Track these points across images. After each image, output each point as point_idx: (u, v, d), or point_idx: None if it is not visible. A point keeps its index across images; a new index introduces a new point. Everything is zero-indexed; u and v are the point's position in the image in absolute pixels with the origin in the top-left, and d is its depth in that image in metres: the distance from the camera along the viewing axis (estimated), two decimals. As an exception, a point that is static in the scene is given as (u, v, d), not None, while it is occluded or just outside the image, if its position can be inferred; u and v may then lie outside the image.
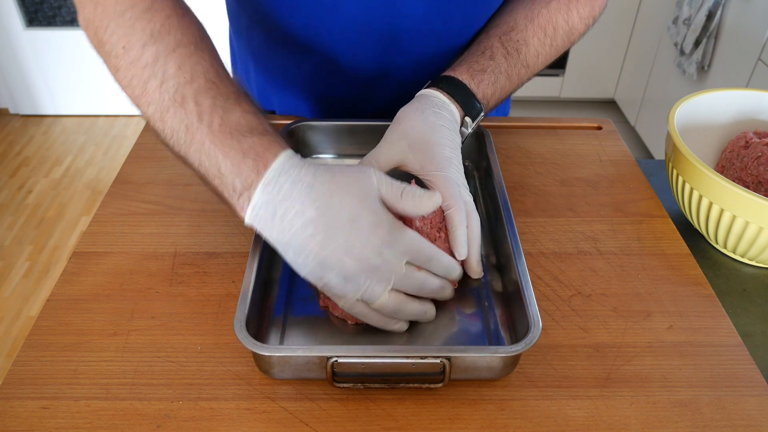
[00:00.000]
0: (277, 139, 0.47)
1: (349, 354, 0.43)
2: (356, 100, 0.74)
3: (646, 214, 0.64)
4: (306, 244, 0.44)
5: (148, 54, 0.48)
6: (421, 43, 0.67)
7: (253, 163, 0.45)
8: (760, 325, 0.55)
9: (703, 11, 1.81)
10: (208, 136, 0.46)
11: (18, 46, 2.45)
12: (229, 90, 0.48)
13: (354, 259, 0.43)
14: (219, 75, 0.49)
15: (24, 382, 0.46)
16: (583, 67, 2.54)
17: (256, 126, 0.47)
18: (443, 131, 0.55)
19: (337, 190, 0.44)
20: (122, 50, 0.49)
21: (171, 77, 0.48)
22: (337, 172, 0.45)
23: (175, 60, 0.48)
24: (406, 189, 0.46)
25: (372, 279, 0.44)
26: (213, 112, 0.47)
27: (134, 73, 0.49)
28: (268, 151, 0.45)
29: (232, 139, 0.46)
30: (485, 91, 0.60)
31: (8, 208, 2.09)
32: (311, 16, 0.64)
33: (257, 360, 0.45)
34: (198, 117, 0.47)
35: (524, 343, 0.44)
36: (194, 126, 0.47)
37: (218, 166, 0.46)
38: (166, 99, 0.47)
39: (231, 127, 0.46)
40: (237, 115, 0.47)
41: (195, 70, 0.48)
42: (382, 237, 0.44)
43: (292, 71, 0.73)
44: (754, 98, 0.69)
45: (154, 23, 0.49)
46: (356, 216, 0.44)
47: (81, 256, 0.57)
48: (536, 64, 0.65)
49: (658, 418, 0.45)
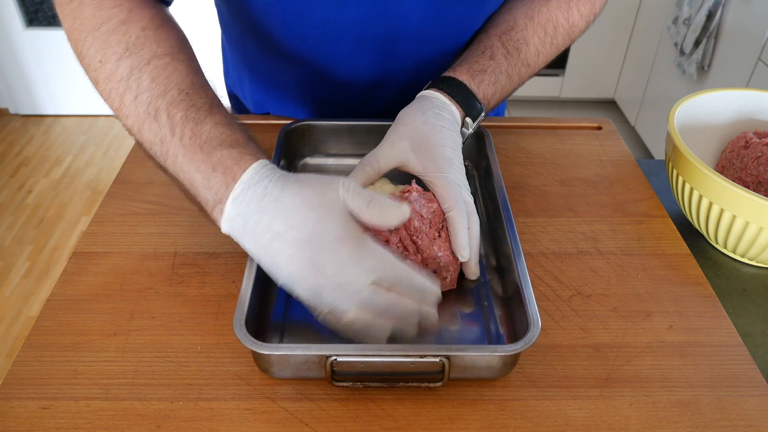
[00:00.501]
0: (248, 150, 0.46)
1: (348, 353, 0.43)
2: (354, 106, 0.74)
3: (646, 214, 0.64)
4: (274, 258, 0.43)
5: (123, 67, 0.48)
6: (418, 48, 0.67)
7: (222, 177, 0.45)
8: (760, 325, 0.55)
9: (703, 11, 1.81)
10: (180, 149, 0.46)
11: (18, 46, 2.45)
12: (202, 101, 0.48)
13: (319, 275, 0.42)
14: (194, 85, 0.49)
15: (24, 382, 0.46)
16: (583, 67, 2.54)
17: (226, 138, 0.46)
18: (444, 132, 0.55)
19: (303, 204, 0.43)
20: (99, 64, 0.49)
21: (145, 90, 0.48)
22: (305, 185, 0.45)
23: (149, 72, 0.48)
24: (373, 200, 0.45)
25: (337, 296, 0.42)
26: (184, 124, 0.46)
27: (111, 86, 0.49)
28: (236, 164, 0.45)
29: (202, 153, 0.46)
30: (486, 91, 0.60)
31: (8, 208, 2.09)
32: (307, 27, 0.64)
33: (257, 359, 0.45)
34: (170, 130, 0.47)
35: (523, 343, 0.43)
36: (167, 139, 0.47)
37: (191, 180, 0.46)
38: (141, 112, 0.48)
39: (202, 140, 0.46)
40: (208, 127, 0.47)
41: (169, 81, 0.48)
42: (345, 254, 0.42)
43: (289, 80, 0.73)
44: (754, 98, 0.69)
45: (129, 36, 0.49)
46: (322, 231, 0.43)
47: (81, 256, 0.57)
48: (537, 63, 0.65)
49: (658, 418, 0.45)
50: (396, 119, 0.57)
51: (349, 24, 0.63)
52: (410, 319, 0.44)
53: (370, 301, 0.42)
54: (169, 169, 0.48)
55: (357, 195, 0.45)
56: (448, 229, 0.51)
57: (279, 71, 0.72)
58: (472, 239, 0.52)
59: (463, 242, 0.50)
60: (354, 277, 0.42)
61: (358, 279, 0.42)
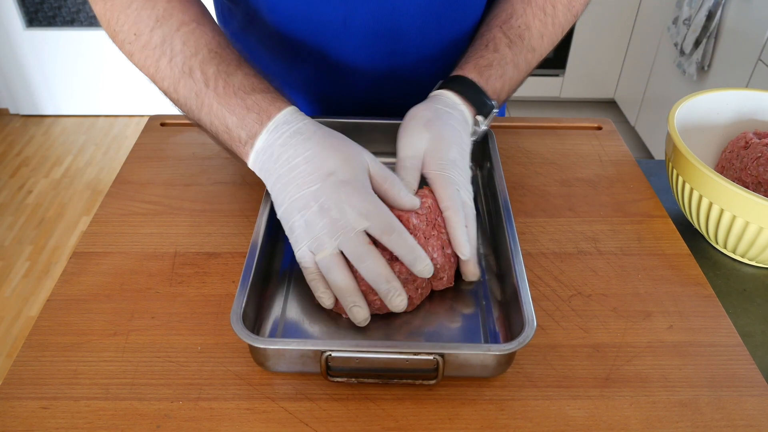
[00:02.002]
0: (280, 96, 0.52)
1: (343, 348, 0.43)
2: (360, 101, 0.74)
3: (646, 214, 0.64)
4: (286, 186, 0.48)
5: (156, 36, 0.54)
6: (423, 39, 0.67)
7: (257, 116, 0.50)
8: (760, 325, 0.55)
9: (703, 11, 1.81)
10: (215, 99, 0.52)
11: (18, 46, 2.45)
12: (230, 57, 0.54)
13: (318, 206, 0.46)
14: (220, 45, 0.54)
15: (24, 382, 0.46)
16: (583, 67, 2.54)
17: (257, 85, 0.52)
18: (454, 132, 0.56)
19: (329, 147, 0.48)
20: (134, 37, 0.55)
21: (178, 53, 0.53)
22: (336, 136, 0.49)
23: (180, 38, 0.54)
24: (390, 178, 0.49)
25: (326, 229, 0.46)
26: (217, 77, 0.52)
27: (147, 54, 0.55)
28: (271, 105, 0.50)
29: (236, 98, 0.51)
30: (494, 85, 0.60)
31: (8, 208, 2.09)
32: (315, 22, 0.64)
33: (253, 353, 0.46)
34: (205, 83, 0.52)
35: (517, 342, 0.43)
36: (202, 92, 0.52)
37: (225, 123, 0.51)
38: (176, 72, 0.53)
39: (235, 88, 0.51)
40: (239, 78, 0.52)
41: (198, 43, 0.54)
42: (348, 194, 0.46)
43: (291, 74, 0.73)
44: (754, 98, 0.69)
45: (157, 9, 0.55)
46: (335, 170, 0.47)
47: (81, 256, 0.57)
48: (542, 46, 0.65)
49: (658, 418, 0.45)
50: (406, 115, 0.57)
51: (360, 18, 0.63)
52: (377, 285, 0.46)
53: (350, 243, 0.46)
54: (203, 120, 0.53)
55: (380, 168, 0.49)
56: (447, 229, 0.51)
57: (282, 66, 0.72)
58: (470, 239, 0.52)
59: (463, 240, 0.51)
60: (348, 217, 0.46)
61: (352, 221, 0.46)
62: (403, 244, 0.46)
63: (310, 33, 0.66)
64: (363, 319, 0.48)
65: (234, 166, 0.69)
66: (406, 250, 0.46)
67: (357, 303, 0.47)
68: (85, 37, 2.45)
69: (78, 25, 2.46)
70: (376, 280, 0.46)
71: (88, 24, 2.46)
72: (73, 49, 2.47)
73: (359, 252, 0.46)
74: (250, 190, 0.65)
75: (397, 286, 0.46)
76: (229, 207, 0.63)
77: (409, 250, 0.46)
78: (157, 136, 0.74)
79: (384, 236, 0.46)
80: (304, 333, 0.50)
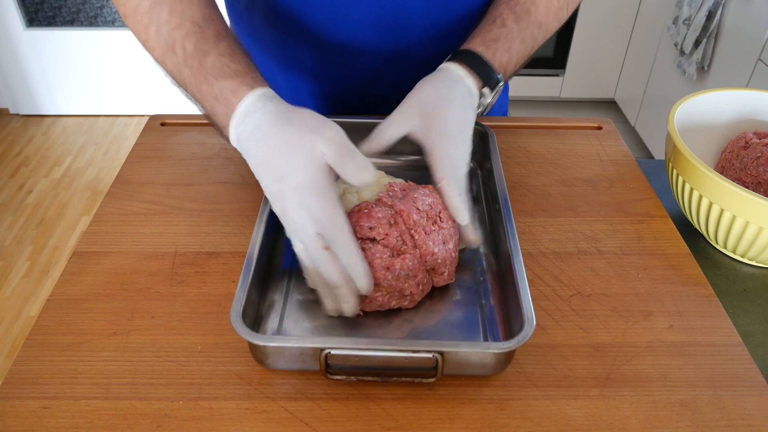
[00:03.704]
0: (245, 80, 0.51)
1: (342, 346, 0.44)
2: (366, 81, 0.75)
3: (646, 214, 0.64)
4: (260, 177, 0.49)
5: (146, 2, 0.55)
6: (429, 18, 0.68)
7: (224, 108, 0.51)
8: (760, 325, 0.55)
9: (703, 11, 1.81)
10: (192, 79, 0.53)
11: (18, 46, 2.45)
12: (211, 32, 0.54)
13: (280, 207, 0.48)
14: (204, 18, 0.55)
15: (24, 381, 0.46)
16: (583, 67, 2.54)
17: (227, 69, 0.51)
18: (453, 105, 0.56)
19: (283, 145, 0.48)
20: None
21: (164, 23, 0.54)
22: (292, 124, 0.48)
23: (167, 6, 0.54)
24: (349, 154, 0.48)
25: (290, 228, 0.48)
26: (194, 57, 0.52)
27: (138, 19, 0.56)
28: (234, 95, 0.50)
29: (207, 84, 0.52)
30: (501, 59, 0.61)
31: (8, 208, 2.09)
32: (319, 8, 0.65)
33: (252, 350, 0.46)
34: (184, 62, 0.53)
35: (517, 340, 0.44)
36: (183, 71, 0.53)
37: (203, 106, 0.53)
38: (162, 44, 0.54)
39: (206, 71, 0.52)
40: (212, 59, 0.52)
41: (183, 14, 0.54)
42: (298, 199, 0.47)
43: (297, 55, 0.73)
44: (754, 98, 0.69)
45: None
46: (288, 173, 0.47)
47: (81, 256, 0.57)
48: (548, 21, 0.66)
49: (658, 418, 0.45)
50: (413, 88, 0.58)
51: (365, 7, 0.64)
52: (335, 289, 0.47)
53: (309, 245, 0.47)
54: (188, 95, 0.55)
55: (335, 149, 0.47)
56: (443, 200, 0.52)
57: (288, 47, 0.73)
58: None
59: (460, 206, 0.52)
60: (304, 221, 0.47)
61: (307, 224, 0.47)
62: (346, 255, 0.46)
63: (314, 12, 0.66)
64: (332, 310, 0.49)
65: (234, 165, 0.69)
66: (348, 261, 0.47)
67: (326, 295, 0.48)
68: (85, 37, 2.45)
69: (78, 25, 2.46)
70: (330, 283, 0.47)
71: (88, 24, 2.46)
72: (73, 49, 2.47)
73: (314, 255, 0.47)
74: (250, 190, 0.65)
75: (347, 292, 0.47)
76: (229, 207, 0.63)
77: (352, 262, 0.47)
78: (157, 136, 0.74)
79: (331, 245, 0.46)
80: (304, 331, 0.50)
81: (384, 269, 0.48)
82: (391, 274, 0.48)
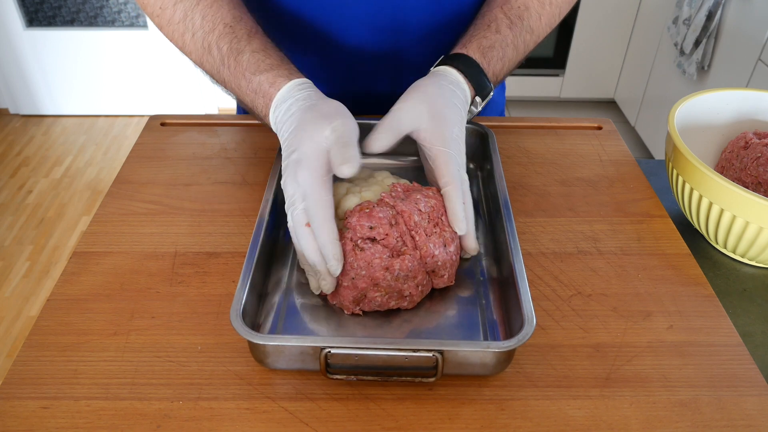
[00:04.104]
0: (280, 72, 0.55)
1: (343, 345, 0.44)
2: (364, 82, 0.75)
3: (646, 214, 0.64)
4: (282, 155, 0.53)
5: (179, 11, 0.59)
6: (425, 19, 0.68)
7: (263, 100, 0.55)
8: (760, 325, 0.55)
9: (703, 11, 1.81)
10: (230, 78, 0.57)
11: (18, 46, 2.45)
12: (243, 31, 0.58)
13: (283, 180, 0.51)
14: (235, 18, 0.58)
15: (24, 382, 0.46)
16: (583, 67, 2.54)
17: (261, 64, 0.56)
18: (455, 109, 0.56)
19: (300, 127, 0.51)
20: (159, 10, 0.60)
21: (198, 28, 0.58)
22: (313, 112, 0.52)
23: (199, 12, 0.58)
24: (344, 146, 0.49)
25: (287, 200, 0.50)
26: (229, 56, 0.57)
27: (173, 29, 0.60)
28: (272, 87, 0.55)
29: (245, 80, 0.56)
30: (495, 67, 0.61)
31: (8, 208, 2.09)
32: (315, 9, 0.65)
33: (252, 349, 0.46)
34: (221, 62, 0.57)
35: (517, 340, 0.44)
36: (221, 70, 0.58)
37: (244, 101, 0.58)
38: (198, 48, 0.59)
39: (243, 68, 0.56)
40: (246, 56, 0.56)
41: (215, 18, 0.58)
42: (298, 172, 0.49)
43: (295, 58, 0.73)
44: (754, 98, 0.69)
45: None
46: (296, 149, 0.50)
47: (81, 256, 0.57)
48: (540, 27, 0.66)
49: (658, 418, 0.45)
50: (411, 87, 0.58)
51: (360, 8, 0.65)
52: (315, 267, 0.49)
53: (294, 219, 0.49)
54: (230, 91, 0.59)
55: (338, 137, 0.50)
56: (445, 204, 0.52)
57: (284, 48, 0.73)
58: (468, 216, 0.53)
59: (460, 216, 0.51)
60: (295, 196, 0.49)
61: (296, 198, 0.49)
62: (321, 234, 0.48)
63: (311, 14, 0.67)
64: (313, 287, 0.51)
65: (234, 165, 0.69)
66: (322, 241, 0.48)
67: (309, 272, 0.51)
68: (85, 37, 2.45)
69: (78, 25, 2.46)
70: (307, 260, 0.49)
71: (88, 24, 2.46)
72: (73, 49, 2.47)
73: (297, 231, 0.49)
74: (250, 190, 0.65)
75: (322, 270, 0.49)
76: (229, 207, 0.63)
77: (324, 242, 0.48)
78: (157, 136, 0.74)
79: (311, 222, 0.48)
80: (304, 330, 0.50)
81: (383, 269, 0.48)
82: (390, 274, 0.48)
